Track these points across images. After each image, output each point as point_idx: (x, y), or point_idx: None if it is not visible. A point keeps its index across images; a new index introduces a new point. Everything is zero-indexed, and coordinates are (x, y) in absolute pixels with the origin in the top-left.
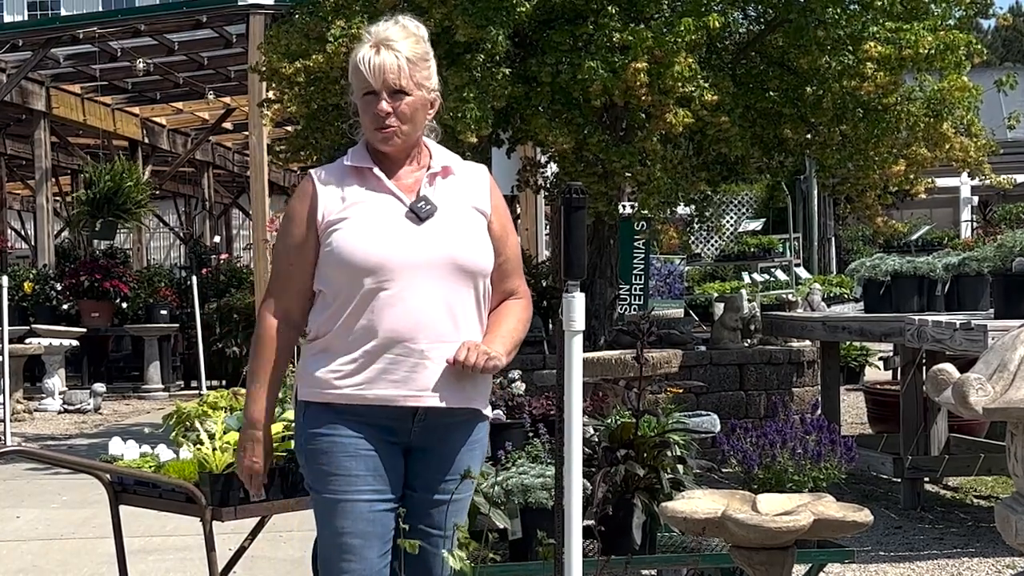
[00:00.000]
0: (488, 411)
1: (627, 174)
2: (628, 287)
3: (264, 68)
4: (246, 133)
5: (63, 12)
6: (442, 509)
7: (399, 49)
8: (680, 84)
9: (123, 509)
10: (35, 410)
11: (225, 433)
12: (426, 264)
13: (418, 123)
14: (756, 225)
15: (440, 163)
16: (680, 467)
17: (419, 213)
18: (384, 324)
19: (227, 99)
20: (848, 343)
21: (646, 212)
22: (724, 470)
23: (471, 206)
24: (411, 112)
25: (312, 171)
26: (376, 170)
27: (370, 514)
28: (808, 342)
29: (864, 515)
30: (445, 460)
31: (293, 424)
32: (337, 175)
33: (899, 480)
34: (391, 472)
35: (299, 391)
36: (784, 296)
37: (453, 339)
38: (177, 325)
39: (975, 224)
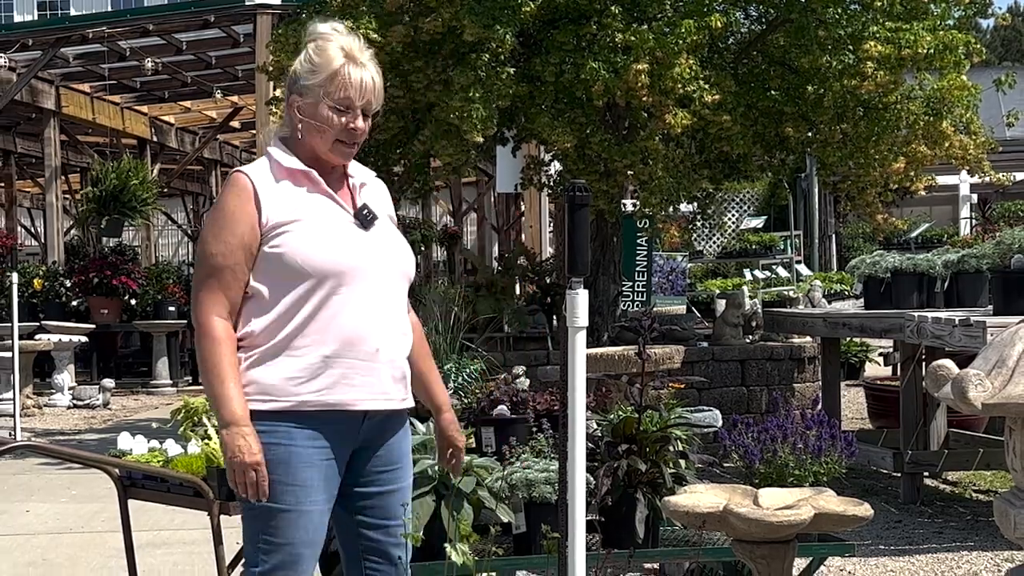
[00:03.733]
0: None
1: (629, 173)
2: (631, 284)
3: (272, 67)
4: (253, 131)
5: (72, 12)
6: (394, 498)
7: (374, 71)
8: (680, 85)
9: (132, 503)
10: (45, 405)
11: None
12: (376, 269)
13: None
14: (758, 222)
15: (360, 174)
16: (682, 462)
17: (364, 220)
18: (343, 329)
19: (235, 98)
20: (848, 339)
21: (648, 210)
22: (726, 465)
23: (387, 215)
24: (366, 133)
25: (243, 168)
26: (314, 174)
27: (320, 523)
28: (809, 338)
29: (864, 509)
30: (388, 454)
31: None
32: (272, 175)
33: (899, 475)
34: (337, 478)
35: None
36: (785, 293)
37: (400, 342)
38: (185, 321)
39: (974, 221)
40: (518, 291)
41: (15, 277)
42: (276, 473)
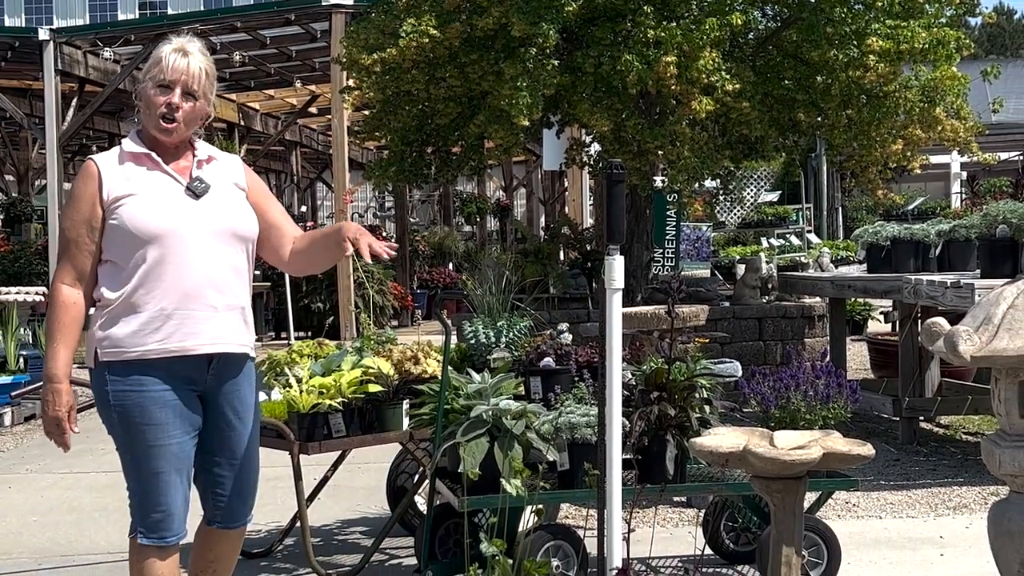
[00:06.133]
0: (253, 352)
1: (660, 153)
2: (661, 251)
3: (345, 59)
4: (329, 116)
5: (170, 11)
6: (242, 436)
7: (198, 59)
8: (704, 75)
9: None
10: None
11: (311, 378)
12: (207, 232)
13: (193, 125)
14: (773, 197)
15: (205, 153)
16: (707, 407)
17: (195, 191)
18: (177, 285)
19: (312, 87)
20: (853, 300)
21: (676, 186)
22: (745, 410)
23: (232, 183)
24: (193, 115)
25: (92, 156)
26: (154, 155)
27: (179, 452)
28: (818, 299)
29: (867, 449)
30: (235, 398)
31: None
32: (117, 159)
33: (897, 419)
34: (193, 413)
35: (99, 353)
36: (797, 259)
37: (237, 294)
38: (269, 283)
39: (964, 196)
40: (562, 257)
41: None
42: (134, 415)
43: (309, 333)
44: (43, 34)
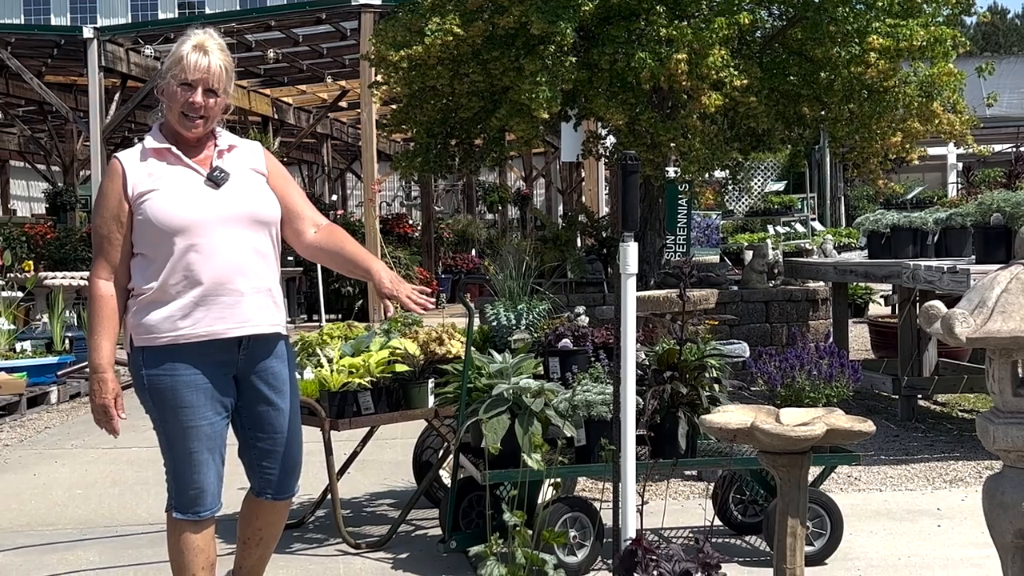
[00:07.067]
0: (285, 331)
1: (672, 145)
2: (673, 238)
3: (373, 56)
4: (358, 110)
5: (207, 11)
6: (280, 413)
7: (218, 57)
8: (714, 72)
9: None
10: None
11: (341, 358)
12: (229, 220)
13: (215, 119)
14: (779, 186)
15: (226, 142)
16: (716, 386)
17: (216, 180)
18: (205, 272)
19: (342, 82)
20: (855, 284)
21: (688, 176)
22: (752, 389)
23: (251, 169)
24: (216, 110)
25: (117, 154)
26: (174, 149)
27: (211, 432)
28: (822, 283)
29: (868, 425)
30: (268, 375)
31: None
32: (140, 156)
33: (897, 397)
34: (225, 396)
35: (135, 339)
36: (802, 245)
37: (263, 276)
38: (301, 268)
39: (960, 186)
40: (579, 243)
41: None
42: (167, 398)
43: (339, 315)
44: (87, 32)
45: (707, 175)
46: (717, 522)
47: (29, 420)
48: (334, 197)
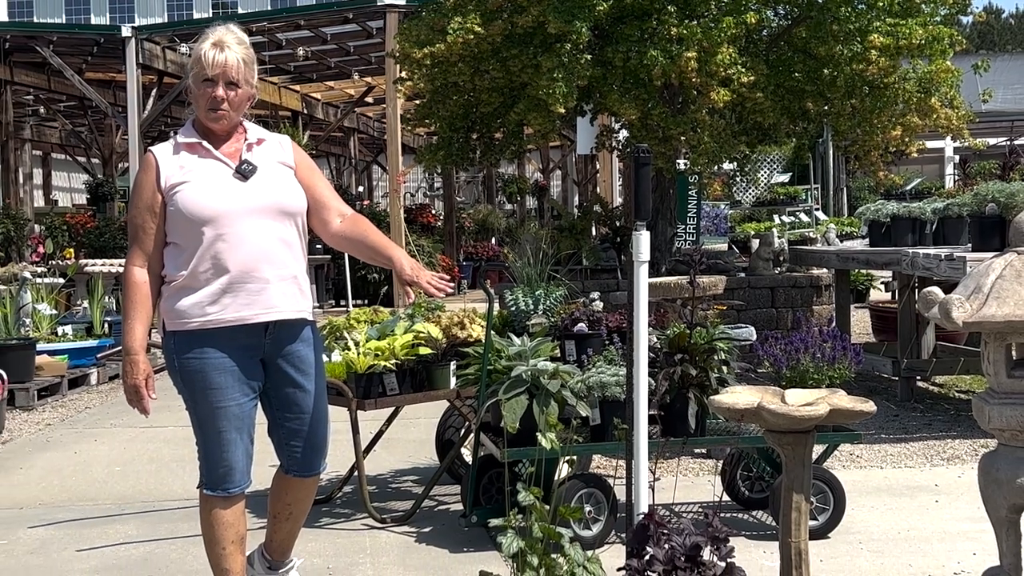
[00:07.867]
0: (311, 316)
1: (682, 138)
2: (684, 227)
3: (398, 54)
4: (384, 105)
5: (240, 10)
6: (307, 395)
7: (236, 51)
8: (722, 69)
9: None
10: None
11: (367, 341)
12: (256, 211)
13: (241, 110)
14: (784, 178)
15: (255, 135)
16: (724, 368)
17: (244, 173)
18: (232, 260)
19: (368, 79)
20: (856, 271)
21: (698, 168)
22: (759, 370)
23: (279, 162)
24: (239, 101)
25: (151, 148)
26: (205, 143)
27: (239, 413)
28: (825, 270)
29: (869, 406)
30: (295, 358)
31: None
32: (172, 150)
33: (896, 378)
34: (252, 378)
35: (167, 324)
36: (806, 234)
37: (288, 264)
38: (329, 256)
39: (956, 177)
40: (594, 232)
41: None
42: (196, 380)
43: (366, 301)
44: (125, 31)
45: (716, 167)
46: (726, 498)
47: (70, 400)
48: (360, 188)
